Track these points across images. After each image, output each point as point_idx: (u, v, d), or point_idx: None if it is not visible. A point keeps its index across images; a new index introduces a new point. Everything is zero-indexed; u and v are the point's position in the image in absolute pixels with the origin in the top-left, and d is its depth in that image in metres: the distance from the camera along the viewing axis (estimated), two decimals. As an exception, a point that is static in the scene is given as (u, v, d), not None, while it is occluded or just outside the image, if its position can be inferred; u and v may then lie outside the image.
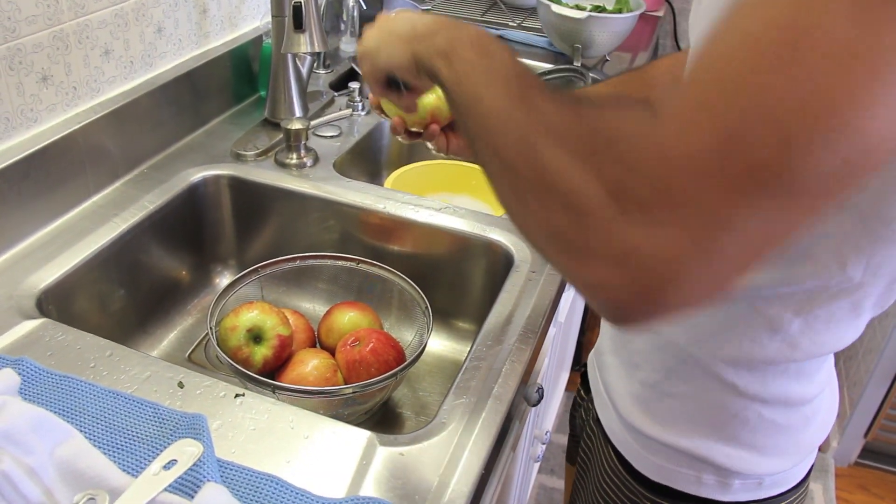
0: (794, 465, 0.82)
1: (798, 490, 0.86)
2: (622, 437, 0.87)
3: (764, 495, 0.83)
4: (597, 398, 0.94)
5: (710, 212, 0.44)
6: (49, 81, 1.05)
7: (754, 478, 0.81)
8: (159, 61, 1.26)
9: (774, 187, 0.43)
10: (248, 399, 0.81)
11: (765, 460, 0.79)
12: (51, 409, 0.73)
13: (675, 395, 0.80)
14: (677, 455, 0.81)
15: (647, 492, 0.86)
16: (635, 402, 0.84)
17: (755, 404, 0.76)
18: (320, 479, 0.73)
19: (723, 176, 0.43)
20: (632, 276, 0.46)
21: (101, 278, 1.06)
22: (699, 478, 0.82)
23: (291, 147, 1.26)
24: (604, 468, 0.92)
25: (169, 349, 1.17)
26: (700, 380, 0.78)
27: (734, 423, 0.78)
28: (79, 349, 0.86)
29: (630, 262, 0.46)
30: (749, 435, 0.78)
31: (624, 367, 0.87)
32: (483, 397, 0.84)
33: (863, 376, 2.21)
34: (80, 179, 1.11)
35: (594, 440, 0.96)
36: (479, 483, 0.75)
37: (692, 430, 0.79)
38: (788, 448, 0.80)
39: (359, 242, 1.22)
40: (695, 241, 0.44)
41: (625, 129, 0.48)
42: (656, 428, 0.82)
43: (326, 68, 1.64)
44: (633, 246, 0.46)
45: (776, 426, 0.78)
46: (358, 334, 1.03)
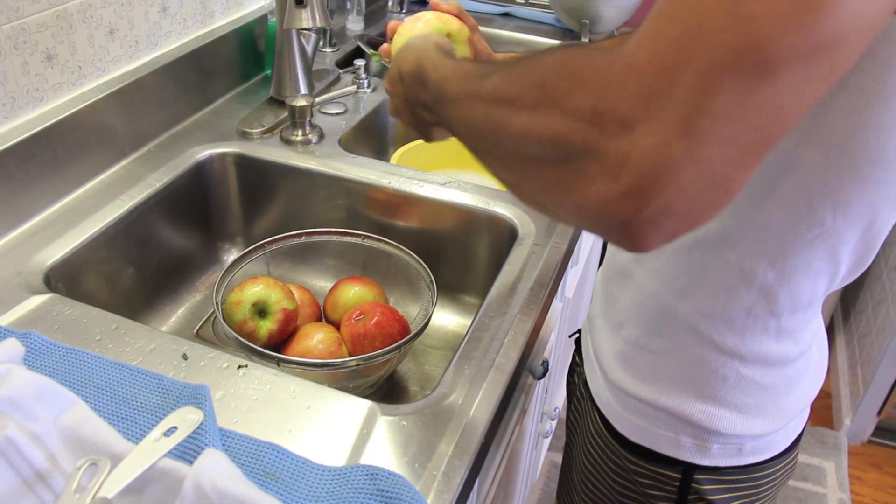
0: (776, 429, 0.81)
1: (782, 460, 0.85)
2: (606, 399, 0.87)
3: (745, 462, 0.82)
4: (586, 362, 0.95)
5: (689, 103, 0.44)
6: (54, 61, 1.05)
7: (734, 441, 0.80)
8: (164, 40, 1.26)
9: (747, 65, 0.43)
10: (250, 370, 0.82)
11: (743, 420, 0.78)
12: (57, 381, 0.74)
13: (656, 350, 0.80)
14: (657, 415, 0.81)
15: (628, 454, 0.86)
16: (618, 360, 0.84)
17: (734, 361, 0.76)
18: (321, 448, 0.73)
19: (693, 65, 0.44)
20: (628, 184, 0.46)
21: (108, 255, 1.07)
22: (677, 439, 0.81)
23: (297, 124, 1.26)
24: (590, 431, 0.93)
25: (177, 325, 1.18)
26: (680, 335, 0.77)
27: (713, 379, 0.77)
28: (85, 323, 0.87)
29: (624, 172, 0.46)
30: (728, 393, 0.77)
31: (610, 328, 0.87)
32: (484, 368, 0.84)
33: (876, 354, 2.19)
34: (87, 158, 1.12)
35: (583, 404, 0.97)
36: (479, 453, 0.76)
37: (672, 386, 0.79)
38: (769, 409, 0.79)
39: (364, 218, 1.22)
40: (680, 134, 0.44)
41: (583, 61, 0.50)
42: (637, 385, 0.82)
43: (333, 47, 1.64)
44: (622, 156, 0.46)
45: (756, 385, 0.77)
46: (363, 308, 1.04)
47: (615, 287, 0.86)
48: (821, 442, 2.29)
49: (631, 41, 0.48)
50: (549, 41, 1.76)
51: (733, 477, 0.83)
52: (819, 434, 2.32)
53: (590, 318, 0.96)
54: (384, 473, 0.68)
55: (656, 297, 0.79)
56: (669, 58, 0.45)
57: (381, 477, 0.67)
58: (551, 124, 0.50)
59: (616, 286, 0.86)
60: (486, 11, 1.94)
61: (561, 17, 1.81)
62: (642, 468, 0.85)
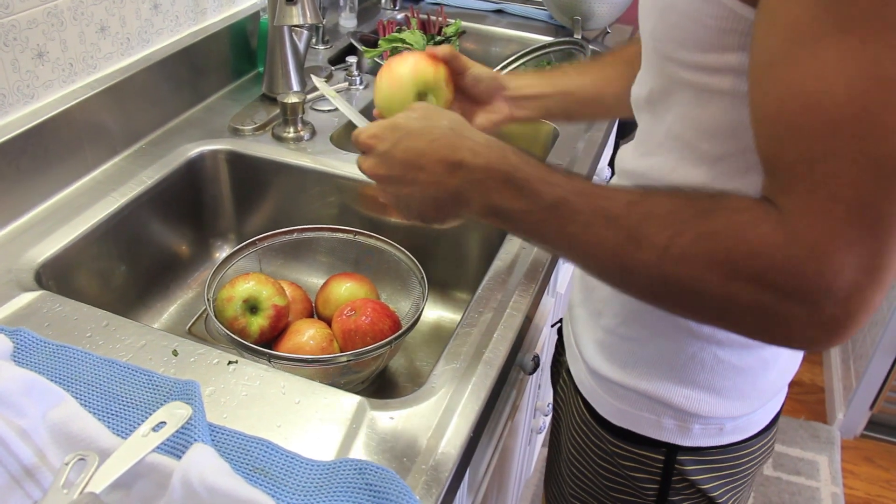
0: (755, 409, 0.82)
1: (761, 438, 0.86)
2: (589, 386, 0.89)
3: (725, 441, 0.83)
4: (568, 350, 0.96)
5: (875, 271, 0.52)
6: (45, 58, 1.05)
7: (714, 422, 0.81)
8: (156, 38, 1.26)
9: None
10: (240, 366, 0.82)
11: (723, 402, 0.80)
12: (47, 377, 0.75)
13: (635, 338, 0.81)
14: (638, 399, 0.83)
15: (611, 437, 0.87)
16: (598, 348, 0.86)
17: (711, 346, 0.77)
18: (310, 443, 0.74)
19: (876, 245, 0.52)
20: (834, 330, 0.54)
21: (99, 253, 1.07)
22: (659, 421, 0.82)
23: (288, 121, 1.27)
24: (573, 417, 0.94)
25: (169, 322, 1.18)
26: (657, 323, 0.78)
27: (691, 364, 0.78)
28: (76, 320, 0.87)
29: (832, 324, 0.54)
30: (707, 377, 0.78)
31: (589, 317, 0.88)
32: (473, 363, 0.85)
33: (868, 349, 2.20)
34: (79, 155, 1.12)
35: (566, 392, 0.98)
36: (467, 447, 0.76)
37: (652, 373, 0.80)
38: (747, 391, 0.80)
39: (356, 214, 1.23)
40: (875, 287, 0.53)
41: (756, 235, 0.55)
42: (618, 372, 0.83)
43: (325, 44, 1.64)
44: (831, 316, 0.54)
45: (733, 368, 0.78)
46: (354, 304, 1.04)
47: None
48: (814, 436, 2.30)
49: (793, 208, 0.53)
50: (541, 38, 1.76)
51: (715, 457, 0.85)
52: (812, 428, 2.33)
53: (570, 306, 0.97)
54: (373, 468, 0.68)
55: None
56: (850, 237, 0.51)
57: (369, 471, 0.68)
58: (752, 297, 0.55)
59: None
60: (479, 8, 1.94)
61: (553, 13, 1.81)
62: (626, 451, 0.87)
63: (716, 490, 0.87)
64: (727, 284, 0.56)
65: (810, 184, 0.52)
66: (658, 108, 0.73)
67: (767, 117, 0.55)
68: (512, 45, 1.81)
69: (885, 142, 0.49)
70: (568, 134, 1.36)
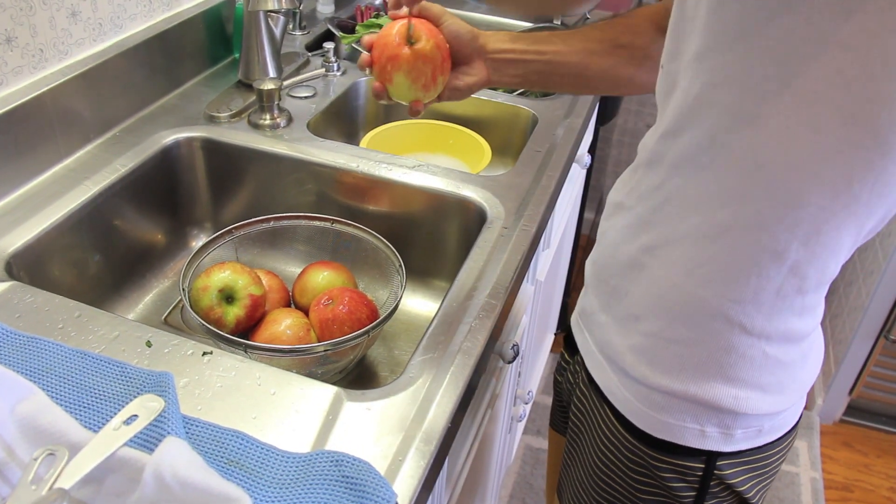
0: (792, 403, 0.83)
1: (790, 436, 0.87)
2: (622, 396, 0.86)
3: (762, 441, 0.84)
4: (589, 359, 0.92)
5: None
6: (14, 43, 1.03)
7: (755, 423, 0.82)
8: (129, 23, 1.24)
9: None
10: (215, 357, 0.81)
11: (767, 398, 0.80)
12: (17, 370, 0.74)
13: (680, 341, 0.79)
14: (682, 407, 0.81)
15: (649, 449, 0.86)
16: (638, 355, 0.83)
17: (760, 342, 0.77)
18: (286, 435, 0.73)
19: None
20: None
21: (73, 242, 1.06)
22: (703, 430, 0.82)
23: (264, 108, 1.25)
24: (601, 430, 0.91)
25: (145, 312, 1.17)
26: (707, 323, 0.77)
27: (740, 363, 0.78)
28: (47, 311, 0.86)
29: None
30: (755, 374, 0.79)
31: (620, 323, 0.86)
32: (451, 352, 0.84)
33: (848, 334, 2.22)
34: (51, 143, 1.10)
35: (587, 403, 0.95)
36: (446, 436, 0.76)
37: (699, 375, 0.79)
38: (787, 385, 0.81)
39: (334, 203, 1.21)
40: None
41: None
42: (662, 377, 0.81)
43: (302, 30, 1.62)
44: None
45: (778, 363, 0.79)
46: (331, 293, 1.03)
47: (623, 280, 0.85)
48: (793, 422, 2.31)
49: None
50: (521, 24, 1.75)
51: (751, 458, 0.85)
52: (792, 414, 2.34)
53: (584, 314, 0.94)
54: (349, 459, 0.67)
55: (679, 288, 0.78)
56: None
57: (345, 463, 0.67)
58: None
59: (625, 279, 0.84)
60: (459, -6, 1.92)
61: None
62: (664, 462, 0.85)
63: (750, 490, 0.88)
64: None
65: None
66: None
67: None
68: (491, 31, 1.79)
69: None
70: (547, 120, 1.35)
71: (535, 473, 2.09)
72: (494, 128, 1.43)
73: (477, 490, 1.40)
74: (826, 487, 2.14)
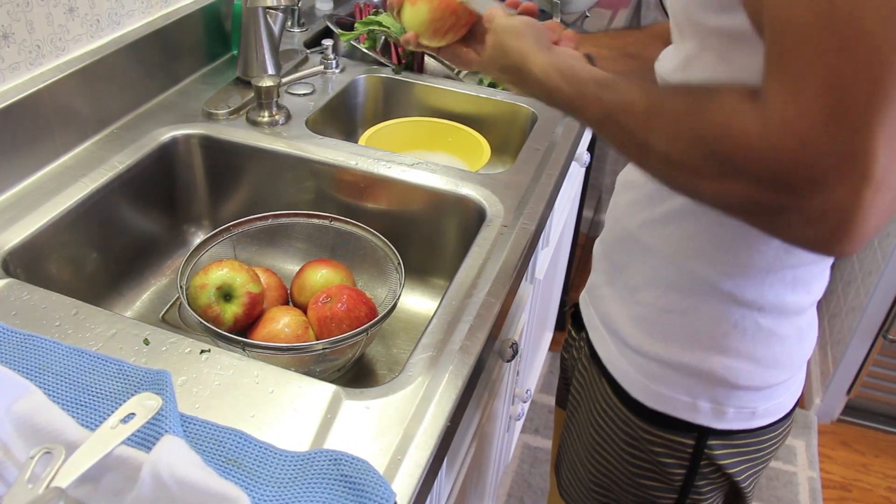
0: (786, 379, 0.85)
1: (784, 423, 0.89)
2: (621, 367, 0.89)
3: (755, 425, 0.86)
4: (593, 333, 0.96)
5: (860, 151, 0.51)
6: (10, 39, 1.03)
7: (749, 404, 0.84)
8: (127, 19, 1.24)
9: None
10: (213, 355, 0.81)
11: (760, 371, 0.82)
12: (14, 368, 0.73)
13: (675, 310, 0.82)
14: (676, 379, 0.84)
15: (641, 421, 0.88)
16: (636, 323, 0.86)
17: (753, 313, 0.79)
18: (284, 433, 0.72)
19: (849, 116, 0.51)
20: (831, 230, 0.55)
21: (70, 239, 1.05)
22: (695, 404, 0.84)
23: (263, 105, 1.25)
24: (597, 402, 0.94)
25: (142, 310, 1.16)
26: (699, 293, 0.80)
27: (733, 333, 0.80)
28: (44, 308, 0.85)
29: (825, 222, 0.54)
30: (747, 345, 0.81)
31: (620, 294, 0.89)
32: (450, 351, 0.84)
33: (846, 334, 2.21)
34: (48, 140, 1.09)
35: (586, 377, 0.98)
36: (444, 436, 0.75)
37: (693, 344, 0.82)
38: (782, 359, 0.83)
39: (333, 200, 1.21)
40: (865, 182, 0.52)
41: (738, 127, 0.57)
42: (658, 346, 0.84)
43: (301, 27, 1.62)
44: (820, 212, 0.54)
45: (772, 335, 0.81)
46: (329, 291, 1.03)
47: (621, 254, 0.89)
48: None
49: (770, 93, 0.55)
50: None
51: (743, 440, 0.87)
52: (790, 413, 2.34)
53: (590, 289, 0.98)
54: (347, 458, 0.67)
55: (671, 260, 0.81)
56: (821, 116, 0.52)
57: (344, 462, 0.67)
58: (742, 192, 0.58)
59: (623, 253, 0.88)
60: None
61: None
62: (655, 436, 0.88)
63: (740, 474, 0.90)
64: (720, 183, 0.59)
65: (784, 67, 0.55)
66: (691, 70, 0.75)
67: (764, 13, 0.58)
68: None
69: (851, 28, 0.51)
70: (546, 118, 1.34)
71: (533, 472, 2.09)
72: (494, 126, 1.42)
73: (475, 489, 1.39)
74: (824, 487, 2.14)
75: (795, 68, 0.53)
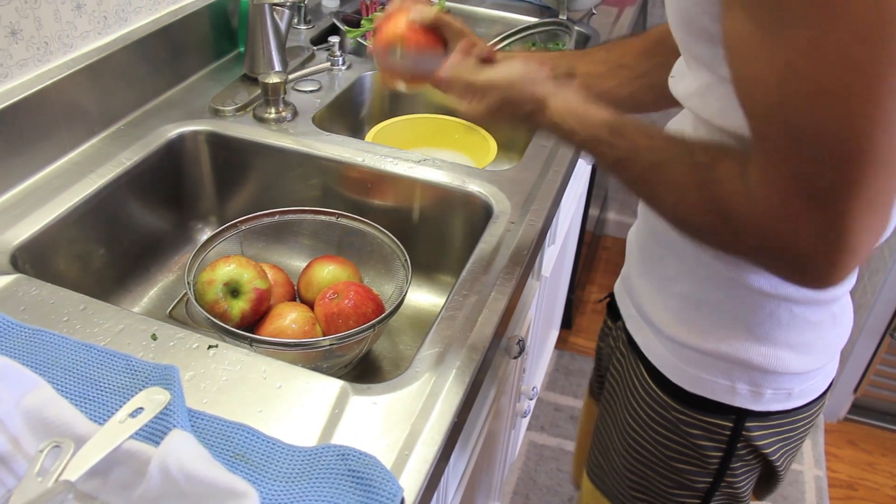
0: (823, 364, 0.86)
1: (818, 403, 0.91)
2: (657, 351, 0.90)
3: (791, 405, 0.87)
4: (630, 321, 0.97)
5: (829, 233, 0.59)
6: (18, 36, 1.03)
7: (786, 385, 0.85)
8: (134, 16, 1.24)
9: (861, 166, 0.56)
10: (220, 350, 0.81)
11: (797, 357, 0.83)
12: (23, 363, 0.73)
13: (711, 302, 0.83)
14: (714, 363, 0.85)
15: (677, 405, 0.89)
16: (673, 315, 0.87)
17: (787, 303, 0.80)
18: (292, 429, 0.73)
19: (821, 207, 0.58)
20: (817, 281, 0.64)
21: (78, 235, 1.05)
22: (733, 387, 0.85)
23: (269, 101, 1.25)
24: (634, 388, 0.95)
25: (150, 306, 1.16)
26: (731, 287, 0.82)
27: (768, 322, 0.81)
28: (52, 304, 0.85)
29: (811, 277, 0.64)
30: (783, 333, 0.82)
31: (656, 285, 0.90)
32: (457, 347, 0.84)
33: (853, 333, 2.20)
34: (55, 136, 1.09)
35: (624, 364, 0.99)
36: (451, 433, 0.75)
37: (729, 334, 0.83)
38: (818, 346, 0.84)
39: (339, 197, 1.21)
40: (843, 250, 0.60)
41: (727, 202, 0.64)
42: (695, 337, 0.85)
43: (307, 24, 1.62)
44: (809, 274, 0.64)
45: (807, 323, 0.82)
46: (336, 287, 1.03)
47: (655, 246, 0.90)
48: (797, 419, 2.31)
49: (753, 172, 0.61)
50: (527, 18, 1.74)
51: (779, 421, 0.89)
52: (796, 412, 2.33)
53: (626, 280, 0.99)
54: (355, 454, 0.67)
55: (699, 257, 0.83)
56: (796, 199, 0.59)
57: (351, 457, 0.67)
58: (741, 247, 0.67)
59: (657, 245, 0.90)
60: (464, -12, 1.92)
61: (539, -6, 1.79)
62: (692, 419, 0.89)
63: (775, 454, 0.91)
64: (726, 240, 0.68)
65: (761, 156, 0.61)
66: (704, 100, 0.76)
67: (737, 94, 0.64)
68: (496, 26, 1.79)
69: (807, 124, 0.57)
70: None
71: (538, 470, 2.09)
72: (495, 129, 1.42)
73: (481, 486, 1.39)
74: (830, 486, 2.14)
75: (769, 153, 0.60)
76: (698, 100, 0.76)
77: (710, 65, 0.71)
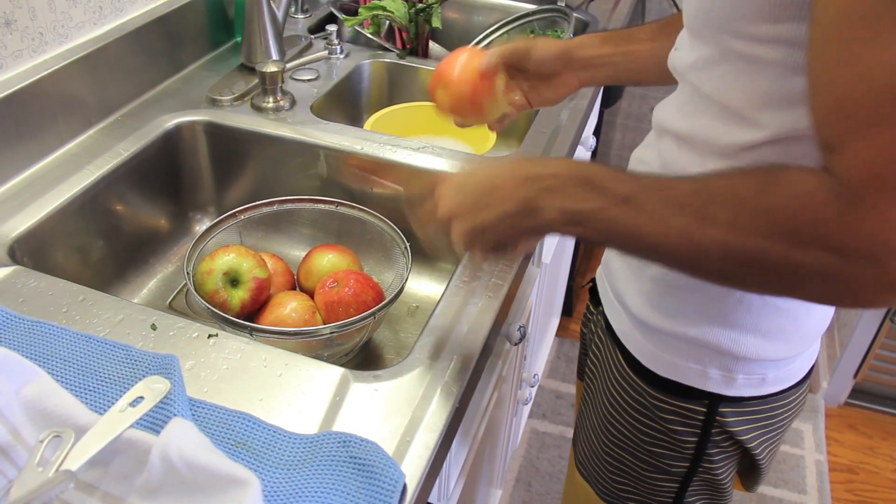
0: (797, 353, 0.85)
1: (797, 390, 0.89)
2: (633, 338, 0.90)
3: (767, 391, 0.87)
4: (607, 305, 0.97)
5: None
6: (13, 27, 1.02)
7: (758, 370, 0.84)
8: (130, 6, 1.23)
9: None
10: (221, 339, 0.81)
11: (769, 344, 0.82)
12: (22, 354, 0.73)
13: (682, 286, 0.83)
14: (686, 348, 0.84)
15: (652, 390, 0.89)
16: (645, 299, 0.87)
17: None
18: (293, 416, 0.72)
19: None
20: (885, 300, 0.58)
21: (76, 227, 1.05)
22: (705, 371, 0.85)
23: (267, 91, 1.24)
24: (611, 373, 0.95)
25: (149, 297, 1.16)
26: None
27: (738, 308, 0.80)
28: (51, 295, 0.85)
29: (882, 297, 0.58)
30: (753, 319, 0.81)
31: (631, 269, 0.90)
32: (458, 334, 0.83)
33: (853, 317, 2.21)
34: (52, 127, 1.09)
35: (602, 349, 0.99)
36: (453, 418, 0.75)
37: (700, 319, 0.82)
38: (790, 333, 0.83)
39: (338, 185, 1.21)
40: None
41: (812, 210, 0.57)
42: (666, 321, 0.85)
43: (304, 13, 1.61)
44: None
45: (777, 310, 0.81)
46: (336, 276, 1.02)
47: None
48: (799, 405, 2.31)
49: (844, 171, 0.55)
50: (524, 6, 1.73)
51: (755, 408, 0.88)
52: (797, 397, 2.34)
53: (605, 263, 0.99)
54: (356, 440, 0.67)
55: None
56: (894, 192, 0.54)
57: (353, 444, 0.67)
58: (816, 263, 0.58)
59: None
60: (462, -24, 1.91)
61: (536, -20, 1.78)
62: (667, 404, 0.89)
63: (753, 441, 0.90)
64: (792, 253, 0.58)
65: (861, 147, 0.54)
66: (705, 74, 0.74)
67: (824, 87, 0.57)
68: (494, 14, 1.78)
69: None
70: (552, 102, 1.33)
71: (540, 457, 2.09)
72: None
73: (483, 473, 1.39)
74: (831, 470, 2.14)
75: (872, 146, 0.54)
76: (696, 73, 0.75)
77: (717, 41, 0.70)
